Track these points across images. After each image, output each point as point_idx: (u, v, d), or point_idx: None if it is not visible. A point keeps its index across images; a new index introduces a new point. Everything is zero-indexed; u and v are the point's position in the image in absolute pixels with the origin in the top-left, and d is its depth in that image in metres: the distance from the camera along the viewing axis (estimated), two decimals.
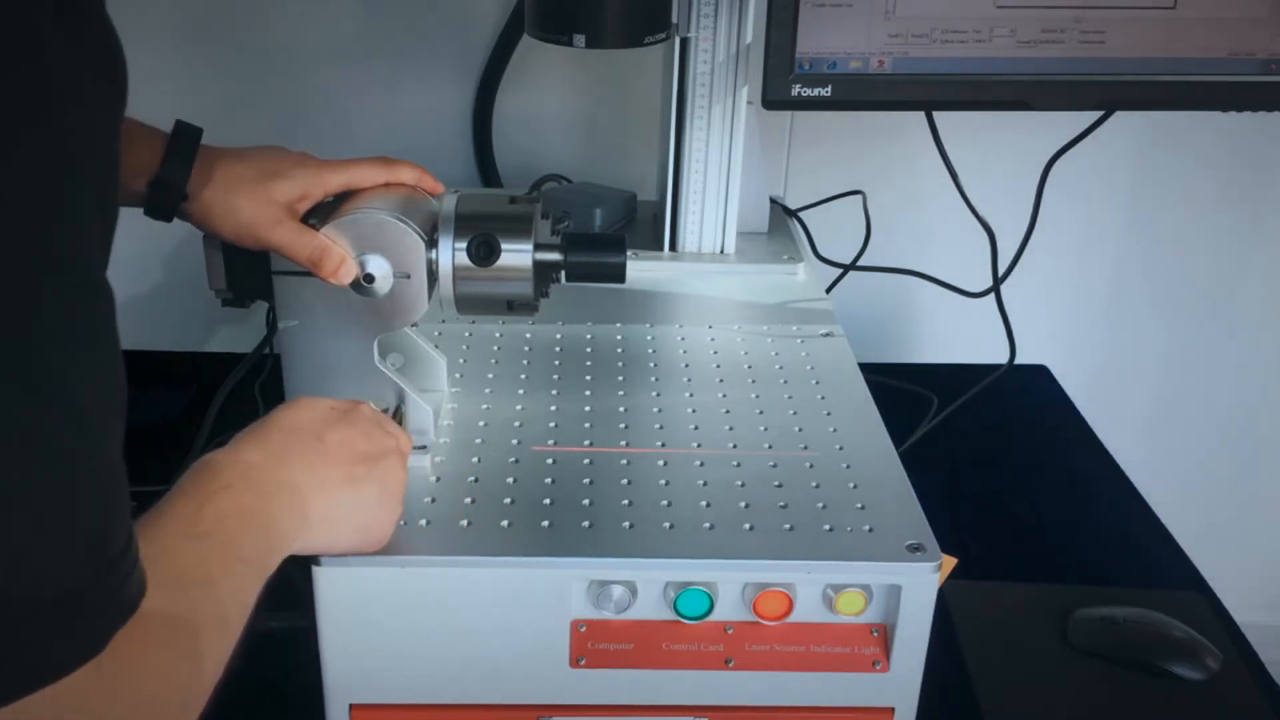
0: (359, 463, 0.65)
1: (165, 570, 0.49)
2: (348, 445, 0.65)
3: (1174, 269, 1.44)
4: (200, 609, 0.51)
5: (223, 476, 0.57)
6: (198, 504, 0.55)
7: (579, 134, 1.32)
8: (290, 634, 0.76)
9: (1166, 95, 0.96)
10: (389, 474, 0.66)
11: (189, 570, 0.52)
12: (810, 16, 0.92)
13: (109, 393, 0.44)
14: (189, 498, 0.55)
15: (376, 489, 0.65)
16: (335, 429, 0.65)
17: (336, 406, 0.67)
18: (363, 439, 0.66)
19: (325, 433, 0.64)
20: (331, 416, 0.66)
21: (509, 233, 0.74)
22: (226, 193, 0.72)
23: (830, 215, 1.22)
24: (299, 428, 0.64)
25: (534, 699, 0.71)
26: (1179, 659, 0.85)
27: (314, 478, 0.62)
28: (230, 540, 0.55)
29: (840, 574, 0.69)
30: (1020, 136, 1.18)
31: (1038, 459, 1.14)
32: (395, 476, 0.67)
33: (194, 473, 0.58)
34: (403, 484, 0.68)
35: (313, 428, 0.64)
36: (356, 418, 0.67)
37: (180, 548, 0.52)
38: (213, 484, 0.57)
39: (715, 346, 0.94)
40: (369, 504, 0.65)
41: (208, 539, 0.54)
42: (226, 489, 0.57)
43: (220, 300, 0.77)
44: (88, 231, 0.43)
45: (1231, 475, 1.58)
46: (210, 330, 1.36)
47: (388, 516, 0.66)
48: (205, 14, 1.23)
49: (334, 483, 0.63)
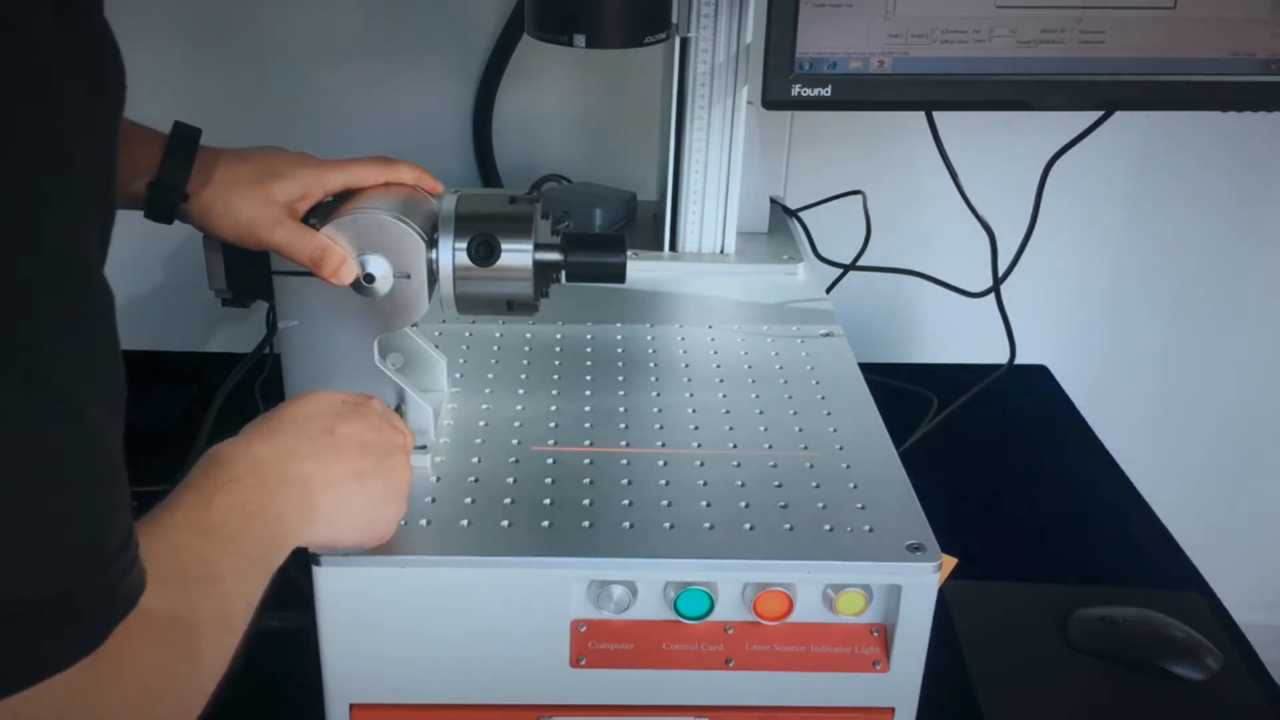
0: (366, 457, 0.64)
1: (169, 566, 0.49)
2: (357, 439, 0.64)
3: (1174, 269, 1.44)
4: (202, 606, 0.51)
5: (231, 469, 0.57)
6: (205, 498, 0.55)
7: (579, 134, 1.32)
8: (290, 634, 0.76)
9: (1166, 95, 0.96)
10: (395, 471, 0.66)
11: (192, 566, 0.51)
12: (810, 16, 0.92)
13: (108, 390, 0.44)
14: (197, 491, 0.55)
15: (382, 485, 0.65)
16: (346, 422, 0.65)
17: (348, 400, 0.67)
18: (372, 433, 0.65)
19: (335, 425, 0.64)
20: (342, 409, 0.66)
21: (509, 233, 0.74)
22: (226, 193, 0.72)
23: (830, 215, 1.22)
24: (309, 419, 0.64)
25: (534, 699, 0.71)
26: (1179, 659, 0.85)
27: (322, 472, 0.62)
28: (236, 536, 0.54)
29: (840, 574, 0.69)
30: (1020, 136, 1.18)
31: (1038, 459, 1.14)
32: (402, 474, 0.67)
33: (203, 465, 0.58)
34: (408, 481, 0.68)
35: (323, 420, 0.64)
36: (367, 411, 0.67)
37: (186, 544, 0.52)
38: (220, 477, 0.56)
39: (715, 346, 0.94)
40: (375, 500, 0.65)
41: (214, 534, 0.53)
42: (234, 483, 0.56)
43: (220, 300, 0.77)
44: (86, 231, 0.43)
45: (1231, 475, 1.58)
46: (210, 330, 1.36)
47: (393, 514, 0.66)
48: (205, 14, 1.23)
49: (341, 478, 0.63)
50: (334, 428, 0.64)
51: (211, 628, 0.51)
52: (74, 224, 0.42)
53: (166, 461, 0.60)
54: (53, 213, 0.40)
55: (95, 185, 0.43)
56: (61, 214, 0.41)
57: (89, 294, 0.43)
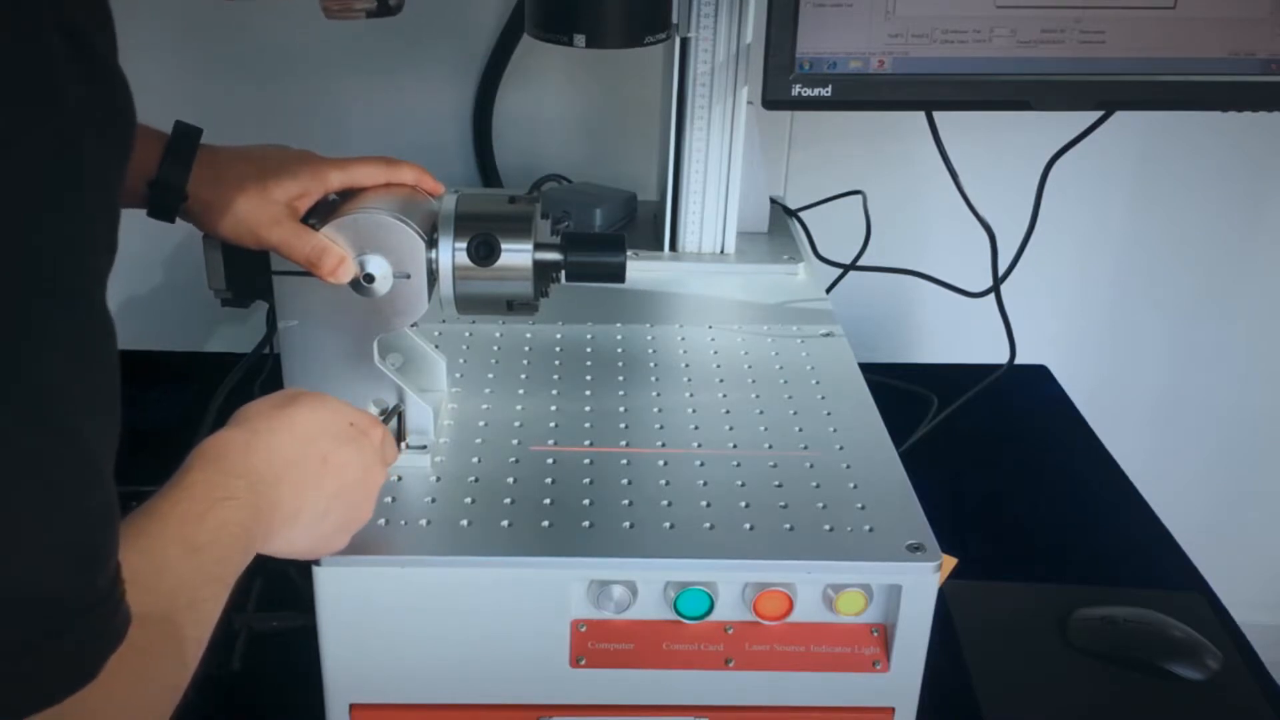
0: (339, 496, 0.63)
1: (160, 585, 0.49)
2: (342, 472, 0.63)
3: (1174, 269, 1.44)
4: (185, 634, 0.50)
5: (229, 485, 0.56)
6: (200, 509, 0.54)
7: (579, 134, 1.32)
8: (290, 634, 0.77)
9: (1166, 95, 0.96)
10: (357, 510, 0.65)
11: (182, 590, 0.51)
12: (810, 16, 0.92)
13: (107, 429, 0.43)
14: (192, 500, 0.54)
15: (336, 523, 0.64)
16: (340, 450, 0.63)
17: (356, 424, 0.65)
18: (358, 471, 0.64)
19: (331, 453, 0.62)
20: (344, 436, 0.64)
21: (509, 233, 0.74)
22: (227, 191, 0.72)
23: (830, 215, 1.22)
24: (313, 442, 0.62)
25: (534, 699, 0.71)
26: (1179, 659, 0.85)
27: (296, 502, 0.60)
28: (221, 559, 0.54)
29: (840, 574, 0.69)
30: (1020, 136, 1.18)
31: (1038, 459, 1.14)
32: (362, 514, 0.65)
33: (204, 465, 0.56)
34: (363, 522, 0.66)
35: (324, 444, 0.62)
36: (364, 446, 0.65)
37: (175, 562, 0.51)
38: (217, 491, 0.55)
39: (715, 346, 0.94)
40: (324, 535, 0.64)
41: (201, 554, 0.52)
42: (230, 501, 0.55)
43: (220, 300, 0.77)
44: (96, 267, 0.43)
45: (1232, 475, 1.58)
46: (210, 330, 1.36)
47: (331, 548, 0.65)
48: (205, 13, 1.23)
49: (308, 510, 0.61)
50: (329, 457, 0.62)
51: (189, 652, 0.50)
52: (83, 259, 0.42)
53: (165, 462, 0.60)
54: (71, 256, 0.41)
55: (104, 229, 0.43)
56: (77, 257, 0.41)
57: (93, 328, 0.42)
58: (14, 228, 0.38)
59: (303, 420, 0.62)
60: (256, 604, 0.82)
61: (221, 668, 0.79)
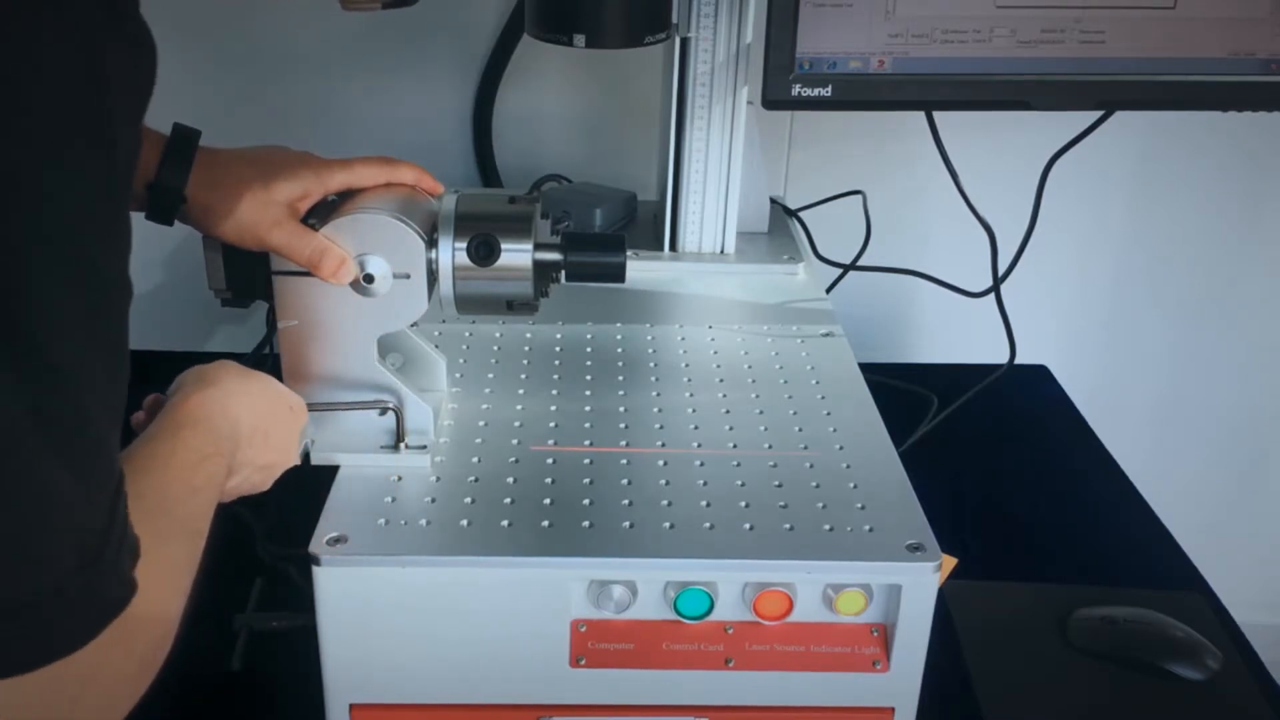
0: (265, 468, 0.70)
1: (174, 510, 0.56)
2: (295, 431, 0.72)
3: (1174, 269, 1.45)
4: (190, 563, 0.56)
5: (218, 443, 0.63)
6: (196, 459, 0.60)
7: (579, 134, 1.32)
8: (290, 634, 0.77)
9: (1166, 95, 0.96)
10: (264, 483, 0.72)
11: (193, 519, 0.58)
12: (810, 16, 0.92)
13: (114, 396, 0.45)
14: (190, 451, 0.60)
15: (252, 485, 0.71)
16: (279, 430, 0.71)
17: (294, 408, 0.73)
18: (284, 451, 0.72)
19: (272, 430, 0.70)
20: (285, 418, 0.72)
21: (509, 233, 0.74)
22: (226, 193, 0.72)
23: (830, 215, 1.22)
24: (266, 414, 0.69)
25: (534, 699, 0.71)
26: (1179, 659, 0.85)
27: (254, 463, 0.68)
28: (210, 501, 0.61)
29: (840, 574, 0.69)
30: (1020, 136, 1.18)
31: (1038, 459, 1.14)
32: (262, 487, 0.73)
33: (195, 425, 0.62)
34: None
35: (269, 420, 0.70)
36: (294, 426, 0.73)
37: (181, 498, 0.58)
38: (207, 448, 0.61)
39: (715, 346, 0.94)
40: (259, 484, 0.71)
41: (199, 495, 0.59)
42: (216, 456, 0.62)
43: (220, 300, 0.77)
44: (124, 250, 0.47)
45: (1231, 475, 1.58)
46: (210, 330, 1.36)
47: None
48: (205, 13, 1.23)
49: (247, 468, 0.68)
50: (270, 432, 0.69)
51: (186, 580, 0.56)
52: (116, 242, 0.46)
53: None
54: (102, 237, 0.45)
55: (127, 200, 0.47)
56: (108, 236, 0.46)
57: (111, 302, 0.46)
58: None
59: (258, 392, 0.70)
60: (256, 604, 0.82)
61: (221, 668, 0.79)
